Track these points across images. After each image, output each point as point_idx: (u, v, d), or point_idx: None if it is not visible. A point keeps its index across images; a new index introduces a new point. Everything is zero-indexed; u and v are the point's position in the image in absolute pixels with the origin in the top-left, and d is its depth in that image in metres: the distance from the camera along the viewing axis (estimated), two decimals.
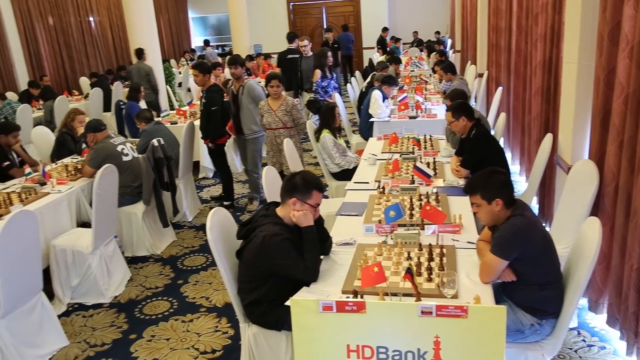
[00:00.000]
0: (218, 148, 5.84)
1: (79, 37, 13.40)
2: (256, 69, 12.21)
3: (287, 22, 17.60)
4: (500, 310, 1.91)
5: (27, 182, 4.56)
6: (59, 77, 12.67)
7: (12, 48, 11.27)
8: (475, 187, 2.59)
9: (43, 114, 8.79)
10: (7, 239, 3.07)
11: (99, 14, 14.27)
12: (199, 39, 19.41)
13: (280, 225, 2.65)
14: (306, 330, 2.20)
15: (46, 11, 12.32)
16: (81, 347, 3.59)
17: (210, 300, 4.08)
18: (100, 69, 13.62)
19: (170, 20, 17.65)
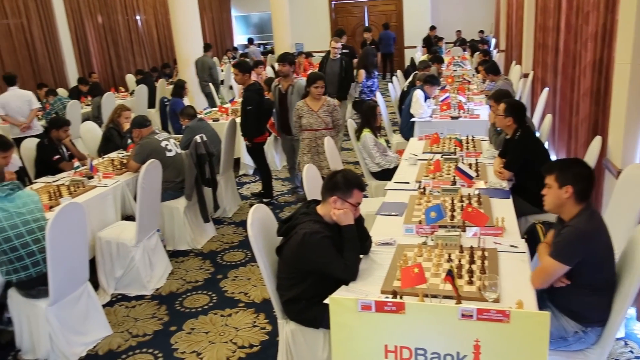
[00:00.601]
0: (255, 146, 5.89)
1: (126, 36, 13.75)
2: (297, 67, 12.23)
3: (329, 21, 17.61)
4: (544, 316, 1.87)
5: (76, 176, 4.72)
6: (106, 74, 13.04)
7: (64, 46, 11.67)
8: (554, 167, 2.56)
9: (91, 110, 9.06)
10: (57, 229, 3.18)
11: (145, 13, 14.61)
12: (242, 37, 19.64)
13: (321, 223, 2.66)
14: (344, 329, 2.20)
15: (95, 10, 12.70)
16: (124, 337, 3.69)
17: (248, 295, 4.13)
18: (146, 66, 13.95)
19: (214, 19, 17.91)
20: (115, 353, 3.52)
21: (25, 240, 3.25)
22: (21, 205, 3.31)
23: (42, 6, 11.03)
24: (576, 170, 2.50)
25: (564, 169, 2.51)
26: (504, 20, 12.74)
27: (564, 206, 2.50)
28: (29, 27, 10.71)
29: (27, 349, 3.50)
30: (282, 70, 5.59)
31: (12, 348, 3.57)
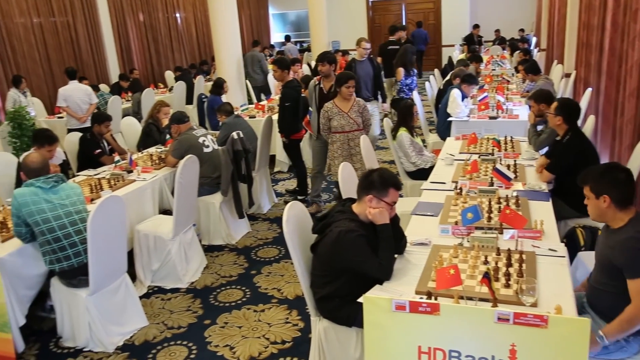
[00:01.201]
0: (292, 143, 5.91)
1: (165, 33, 14.00)
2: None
3: (366, 19, 17.55)
4: (584, 323, 1.82)
5: (116, 170, 4.84)
6: (146, 70, 13.31)
7: (106, 43, 11.96)
8: (587, 178, 2.50)
9: (131, 106, 9.28)
10: (98, 221, 3.27)
11: (185, 11, 14.84)
12: (279, 35, 19.76)
13: (356, 221, 2.65)
14: (377, 329, 2.19)
15: (137, 8, 12.97)
16: (159, 328, 3.77)
17: (281, 292, 4.15)
18: (184, 63, 14.18)
19: (252, 17, 18.06)
20: (151, 344, 3.60)
21: (67, 231, 3.35)
22: (64, 197, 3.42)
23: (87, 4, 11.34)
24: (610, 178, 2.43)
25: (597, 178, 2.45)
26: (546, 18, 12.44)
27: (606, 215, 2.45)
28: (74, 24, 11.02)
29: (68, 336, 3.61)
30: (322, 70, 5.46)
31: (54, 335, 3.69)
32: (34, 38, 10.08)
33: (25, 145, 6.52)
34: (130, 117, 6.94)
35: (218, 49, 9.03)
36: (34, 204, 3.28)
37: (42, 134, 4.60)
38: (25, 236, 3.36)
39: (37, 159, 3.47)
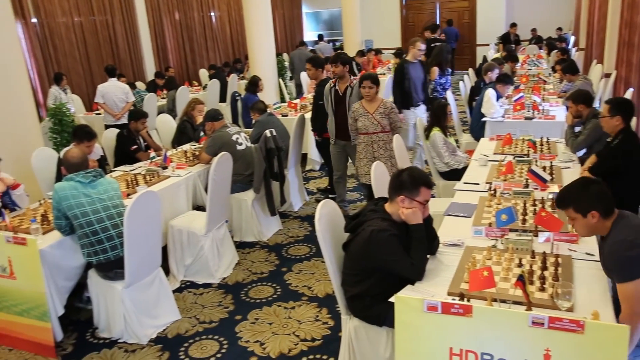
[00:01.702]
0: (324, 141, 5.92)
1: (200, 32, 14.19)
2: (366, 64, 12.22)
3: (399, 18, 17.45)
4: (622, 330, 1.78)
5: (151, 166, 4.93)
6: (181, 68, 13.51)
7: (143, 41, 12.19)
8: (567, 201, 2.46)
9: (166, 103, 9.43)
10: (134, 216, 3.34)
11: (220, 10, 15.01)
12: (311, 33, 19.80)
13: (389, 221, 2.65)
14: (409, 329, 2.19)
15: (173, 7, 13.19)
16: (191, 322, 3.83)
17: (312, 290, 4.17)
18: (218, 61, 14.34)
19: (285, 16, 18.15)
20: (183, 337, 3.66)
21: (105, 225, 3.44)
22: (102, 191, 3.50)
23: (125, 4, 11.58)
24: (592, 192, 2.39)
25: (577, 197, 2.41)
26: (585, 16, 12.15)
27: (596, 229, 2.42)
28: (113, 23, 11.27)
29: (104, 327, 3.71)
30: (335, 72, 5.25)
31: (91, 325, 3.80)
32: (74, 37, 10.35)
33: (65, 140, 6.70)
34: (165, 114, 7.06)
35: (252, 47, 9.12)
36: (74, 198, 3.37)
37: (81, 130, 4.72)
38: (65, 229, 3.46)
39: (77, 154, 3.57)
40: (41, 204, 4.20)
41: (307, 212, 5.80)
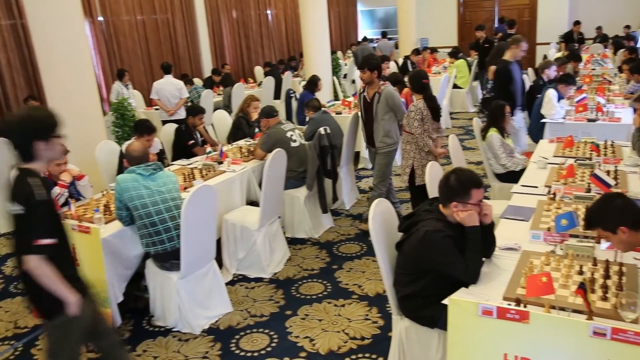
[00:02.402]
0: None
1: (256, 29, 14.40)
2: (421, 63, 12.06)
3: (456, 16, 17.11)
4: None
5: (207, 160, 5.04)
6: (237, 65, 13.75)
7: (201, 39, 12.48)
8: (593, 221, 2.39)
9: (222, 99, 9.63)
10: (191, 209, 3.43)
11: (276, 8, 15.18)
12: (366, 31, 19.73)
13: (443, 221, 2.61)
14: (462, 332, 2.15)
15: (231, 5, 13.43)
16: (243, 315, 3.90)
17: (362, 288, 4.16)
18: (273, 59, 14.51)
19: (340, 14, 18.16)
20: (235, 329, 3.73)
21: (163, 217, 3.55)
22: (161, 184, 3.62)
23: (186, 3, 11.89)
24: (615, 208, 2.32)
25: (603, 216, 2.34)
26: None
27: (633, 242, 2.32)
28: (173, 22, 11.59)
29: (159, 315, 3.83)
30: (363, 78, 4.97)
31: (147, 313, 3.93)
32: (137, 34, 10.71)
33: (126, 134, 6.95)
34: (222, 110, 7.21)
35: (307, 45, 9.17)
36: (134, 190, 3.50)
37: (142, 125, 4.89)
38: (125, 219, 3.60)
39: (139, 147, 3.70)
40: (104, 194, 4.37)
41: (358, 210, 5.79)
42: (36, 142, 2.39)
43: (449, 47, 14.47)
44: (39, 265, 2.34)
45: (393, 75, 7.08)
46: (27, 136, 2.40)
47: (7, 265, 5.09)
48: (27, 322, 4.01)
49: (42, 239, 2.33)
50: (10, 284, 4.67)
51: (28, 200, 2.31)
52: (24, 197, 2.32)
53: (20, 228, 2.37)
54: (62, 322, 2.48)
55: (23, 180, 2.36)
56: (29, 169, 2.40)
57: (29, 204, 2.31)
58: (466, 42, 13.07)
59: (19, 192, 2.34)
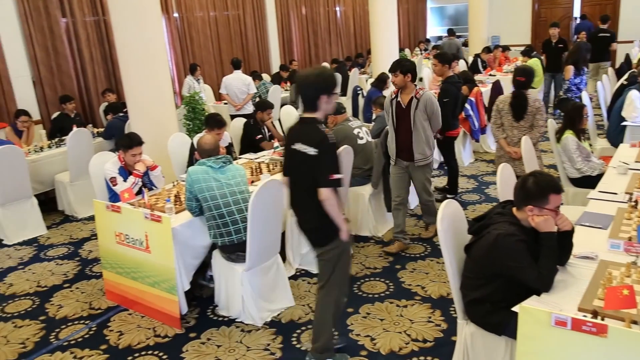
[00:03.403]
0: (446, 140, 5.78)
1: (325, 26, 14.46)
2: (492, 61, 11.72)
3: (530, 13, 16.49)
4: None
5: (275, 155, 5.11)
6: (304, 61, 13.86)
7: (270, 35, 12.67)
8: None
9: (289, 95, 9.74)
10: (259, 202, 3.49)
11: (344, 5, 15.17)
12: (435, 29, 19.39)
13: (517, 225, 2.52)
14: (533, 342, 2.08)
15: (300, 2, 13.55)
16: (304, 310, 3.93)
17: (425, 290, 4.10)
18: (340, 55, 14.53)
19: (409, 11, 17.94)
20: (296, 324, 3.77)
21: (231, 209, 3.63)
22: (230, 177, 3.70)
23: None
24: None
25: None
26: None
27: None
28: (244, 17, 11.82)
29: (223, 305, 3.92)
30: (395, 82, 4.53)
31: (212, 302, 4.04)
32: (209, 30, 11.00)
33: (196, 127, 7.17)
34: (289, 105, 7.29)
35: (375, 42, 9.13)
36: (204, 182, 3.59)
37: (213, 118, 5.02)
38: (195, 210, 3.70)
39: (210, 140, 3.80)
40: (174, 185, 4.52)
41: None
42: (322, 96, 2.87)
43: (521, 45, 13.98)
44: (331, 196, 2.86)
45: (463, 74, 6.93)
46: (317, 90, 2.87)
47: (84, 248, 5.37)
48: (101, 304, 4.22)
49: (334, 174, 2.84)
50: (86, 267, 4.93)
51: (323, 143, 2.82)
52: (318, 141, 2.82)
53: (314, 167, 2.83)
54: (338, 245, 2.99)
55: (315, 127, 2.88)
56: (315, 118, 2.91)
57: (324, 146, 2.82)
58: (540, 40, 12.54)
59: (313, 137, 2.84)
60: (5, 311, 4.23)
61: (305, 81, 2.94)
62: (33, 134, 6.85)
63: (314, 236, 3.09)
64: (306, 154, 2.86)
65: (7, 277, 4.84)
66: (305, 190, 2.94)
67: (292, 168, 3.04)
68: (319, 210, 2.89)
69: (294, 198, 3.10)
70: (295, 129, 3.03)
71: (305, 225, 3.10)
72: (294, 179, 3.05)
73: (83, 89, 8.61)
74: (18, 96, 7.65)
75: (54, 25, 8.02)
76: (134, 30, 5.13)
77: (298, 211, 3.11)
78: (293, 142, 2.95)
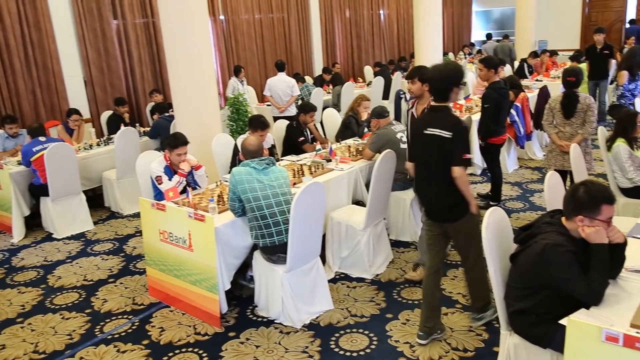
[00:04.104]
0: (489, 147, 5.66)
1: (368, 29, 14.43)
2: (539, 66, 11.45)
3: (580, 17, 16.04)
4: None
5: (316, 158, 5.12)
6: (347, 65, 13.87)
7: (314, 38, 12.74)
8: None
9: (331, 98, 9.75)
10: (301, 205, 3.51)
11: (389, 8, 15.12)
12: (480, 32, 19.09)
13: (566, 236, 2.45)
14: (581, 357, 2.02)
15: (345, 5, 13.57)
16: (343, 314, 3.92)
17: (467, 298, 4.02)
18: (383, 59, 14.46)
19: (454, 14, 17.73)
20: (334, 327, 3.76)
21: (273, 211, 3.65)
22: (273, 179, 3.72)
23: (301, 2, 12.19)
24: None
25: None
26: None
27: None
28: (288, 20, 11.93)
29: (263, 306, 3.95)
30: (411, 90, 4.28)
31: (251, 303, 4.07)
32: (254, 32, 11.15)
33: (240, 128, 7.26)
34: (331, 108, 7.30)
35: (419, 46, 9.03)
36: (248, 183, 3.63)
37: (256, 120, 5.07)
38: (237, 211, 3.74)
39: (255, 142, 3.83)
40: (218, 185, 4.59)
41: None
42: (453, 87, 3.25)
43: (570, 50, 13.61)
44: (464, 174, 3.22)
45: (510, 79, 6.79)
46: (448, 83, 3.25)
47: (128, 244, 5.51)
48: (144, 300, 4.32)
49: (467, 153, 3.21)
50: (130, 263, 5.05)
51: (457, 127, 3.20)
52: (453, 124, 3.20)
53: (449, 148, 3.19)
54: (470, 218, 3.37)
55: (448, 114, 3.29)
56: (447, 106, 3.31)
57: (458, 129, 3.19)
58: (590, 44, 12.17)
59: (448, 121, 3.23)
60: (54, 303, 4.38)
61: (438, 75, 3.32)
62: (83, 132, 7.08)
63: (449, 212, 3.37)
64: (442, 136, 3.20)
65: (56, 269, 5.01)
66: (438, 171, 3.28)
67: (422, 152, 3.40)
68: (451, 188, 3.23)
69: (423, 181, 3.48)
70: (427, 117, 3.45)
71: (438, 204, 3.40)
72: (425, 163, 3.40)
73: (131, 89, 8.87)
74: (70, 95, 7.94)
75: (106, 27, 8.29)
76: (182, 32, 5.24)
77: (428, 193, 3.45)
78: (425, 127, 3.30)
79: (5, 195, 5.87)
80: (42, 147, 5.61)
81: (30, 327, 4.02)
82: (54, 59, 7.69)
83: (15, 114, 7.17)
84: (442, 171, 3.23)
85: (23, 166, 5.80)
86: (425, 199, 3.52)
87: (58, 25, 7.72)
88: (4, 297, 4.53)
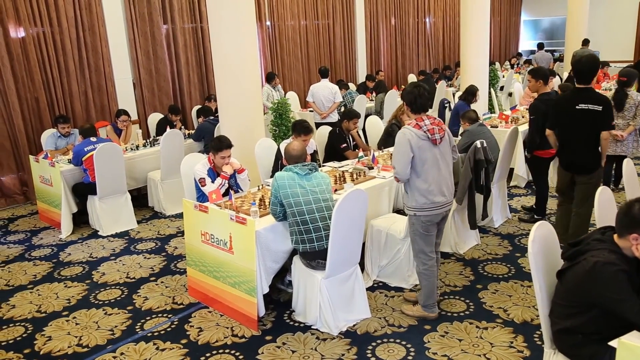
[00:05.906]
0: (535, 159, 5.52)
1: (413, 37, 14.33)
2: None
3: (635, 27, 15.50)
4: None
5: (358, 165, 5.10)
6: (390, 72, 13.80)
7: (358, 44, 12.72)
8: None
9: (374, 105, 9.71)
10: (342, 211, 3.49)
11: (435, 16, 14.98)
12: (528, 42, 18.69)
13: (618, 254, 2.35)
14: None
15: (390, 12, 13.52)
16: (380, 323, 3.88)
17: (508, 313, 3.92)
18: (428, 67, 14.33)
19: (502, 23, 17.43)
20: (371, 336, 3.72)
21: (314, 216, 3.65)
22: (315, 185, 3.72)
23: (347, 9, 12.21)
24: None
25: None
26: None
27: None
28: (333, 27, 11.96)
29: (300, 311, 3.95)
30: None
31: (289, 307, 4.08)
32: (299, 38, 11.22)
33: (282, 133, 7.31)
34: (374, 116, 7.27)
35: (465, 55, 8.90)
36: (290, 188, 3.64)
37: (300, 125, 5.09)
38: (279, 215, 3.76)
39: (298, 147, 3.85)
40: (259, 189, 4.62)
41: (508, 230, 5.49)
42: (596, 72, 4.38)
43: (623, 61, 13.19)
44: (609, 137, 4.37)
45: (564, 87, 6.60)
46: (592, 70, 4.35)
47: (170, 244, 5.61)
48: (183, 300, 4.38)
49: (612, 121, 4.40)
50: (171, 262, 5.14)
51: (606, 102, 4.29)
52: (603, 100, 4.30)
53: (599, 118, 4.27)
54: (599, 173, 4.50)
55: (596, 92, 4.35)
56: (591, 87, 4.34)
57: (607, 103, 4.30)
58: None
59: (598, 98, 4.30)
60: (97, 298, 4.49)
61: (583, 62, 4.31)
62: (131, 133, 7.27)
63: (589, 166, 4.45)
64: (594, 110, 4.25)
65: (100, 266, 5.15)
66: (589, 135, 4.35)
67: (572, 122, 4.40)
68: (595, 148, 4.36)
69: (569, 143, 4.51)
70: (574, 96, 4.41)
71: (580, 162, 4.48)
72: (574, 130, 4.41)
73: (177, 91, 9.06)
74: (119, 97, 8.17)
75: (156, 31, 8.51)
76: (230, 37, 5.32)
77: (576, 151, 4.47)
78: (577, 103, 4.32)
79: (56, 192, 6.08)
80: (93, 147, 5.79)
81: (75, 321, 4.13)
82: (106, 62, 7.94)
83: (67, 114, 7.43)
84: (592, 135, 4.30)
85: (72, 165, 5.99)
86: (572, 156, 4.51)
87: (111, 29, 7.96)
88: (52, 290, 4.68)
